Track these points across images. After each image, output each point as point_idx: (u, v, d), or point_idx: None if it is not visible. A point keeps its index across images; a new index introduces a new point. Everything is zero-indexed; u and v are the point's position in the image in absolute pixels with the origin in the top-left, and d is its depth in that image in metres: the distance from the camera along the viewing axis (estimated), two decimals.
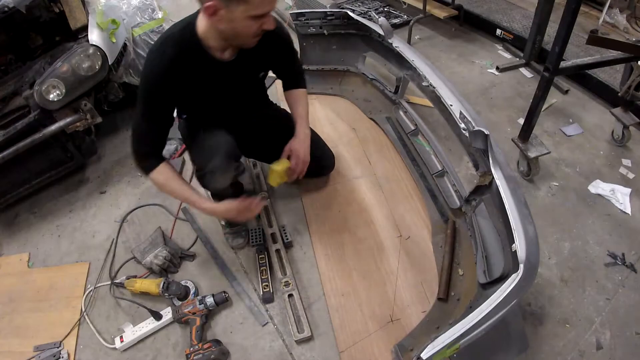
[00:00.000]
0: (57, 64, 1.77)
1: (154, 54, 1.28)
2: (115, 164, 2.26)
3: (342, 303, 1.51)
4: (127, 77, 2.26)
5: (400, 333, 1.41)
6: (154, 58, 1.27)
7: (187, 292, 1.58)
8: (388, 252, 1.66)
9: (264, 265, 1.62)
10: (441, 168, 1.86)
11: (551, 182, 1.93)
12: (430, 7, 2.98)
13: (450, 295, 1.48)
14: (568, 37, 1.55)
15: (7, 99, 1.85)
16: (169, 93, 1.29)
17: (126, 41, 2.22)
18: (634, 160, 2.02)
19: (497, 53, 2.89)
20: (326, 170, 1.91)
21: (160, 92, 1.29)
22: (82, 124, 1.89)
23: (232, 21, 1.14)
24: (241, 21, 1.14)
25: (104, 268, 1.74)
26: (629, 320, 1.43)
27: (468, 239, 1.60)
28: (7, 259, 1.87)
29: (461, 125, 1.50)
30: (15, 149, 1.75)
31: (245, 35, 1.21)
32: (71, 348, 1.50)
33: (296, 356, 1.40)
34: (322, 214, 1.83)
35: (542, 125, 2.22)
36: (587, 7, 3.13)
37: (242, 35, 1.21)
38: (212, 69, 1.33)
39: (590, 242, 1.68)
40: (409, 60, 1.88)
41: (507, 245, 1.27)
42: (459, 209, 1.69)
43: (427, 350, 0.97)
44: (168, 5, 2.56)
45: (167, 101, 1.33)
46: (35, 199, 2.11)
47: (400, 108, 2.21)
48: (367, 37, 2.29)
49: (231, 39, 1.24)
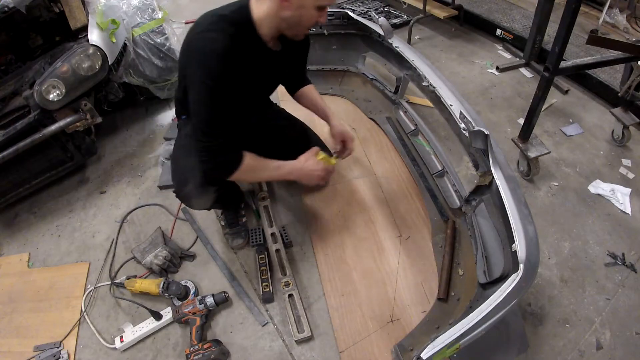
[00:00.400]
0: (57, 64, 1.77)
1: (211, 32, 1.16)
2: (115, 164, 2.26)
3: (342, 303, 1.51)
4: (127, 77, 2.26)
5: (400, 333, 1.41)
6: (213, 37, 1.15)
7: (187, 292, 1.58)
8: (388, 252, 1.66)
9: (264, 265, 1.62)
10: (441, 168, 1.86)
11: (551, 182, 1.93)
12: (430, 7, 2.99)
13: (450, 295, 1.48)
14: (568, 37, 1.55)
15: (7, 99, 1.85)
16: (232, 73, 1.18)
17: (126, 41, 2.22)
18: (634, 160, 2.02)
19: (497, 53, 2.89)
20: None
21: (227, 71, 1.16)
22: (82, 124, 1.89)
23: (301, 8, 1.16)
24: (309, 9, 1.17)
25: (104, 268, 1.74)
26: (629, 320, 1.44)
27: (468, 239, 1.60)
28: (7, 259, 1.87)
29: (461, 125, 1.50)
30: (15, 149, 1.75)
31: (306, 24, 1.23)
32: (71, 348, 1.50)
33: (296, 356, 1.40)
34: (322, 214, 1.83)
35: (542, 125, 2.23)
36: (587, 7, 3.14)
37: (302, 24, 1.22)
38: (263, 56, 1.29)
39: (590, 242, 1.68)
40: (409, 60, 1.88)
41: (507, 245, 1.27)
42: (459, 209, 1.69)
43: (427, 350, 0.97)
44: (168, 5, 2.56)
45: (232, 82, 1.19)
46: (35, 199, 2.11)
47: (400, 108, 2.22)
48: (367, 37, 2.29)
49: (289, 27, 1.23)
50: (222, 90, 1.17)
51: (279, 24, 1.22)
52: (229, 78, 1.16)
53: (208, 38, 1.15)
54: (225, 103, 1.19)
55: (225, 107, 1.19)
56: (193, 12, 3.76)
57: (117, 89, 2.14)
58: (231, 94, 1.19)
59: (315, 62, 2.48)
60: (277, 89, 1.65)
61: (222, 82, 1.15)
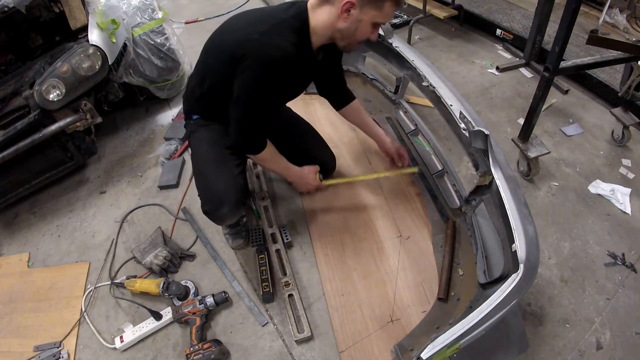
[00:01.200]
0: (57, 64, 1.77)
1: (275, 37, 1.17)
2: (115, 164, 2.26)
3: (342, 303, 1.51)
4: (127, 77, 2.26)
5: (400, 333, 1.41)
6: (277, 44, 1.16)
7: (187, 292, 1.58)
8: (388, 252, 1.66)
9: (264, 265, 1.62)
10: (441, 168, 1.86)
11: (551, 182, 1.93)
12: (430, 7, 2.99)
13: (450, 295, 1.48)
14: (568, 37, 1.55)
15: (7, 99, 1.84)
16: (285, 80, 1.24)
17: (126, 41, 2.22)
18: (634, 160, 2.02)
19: (497, 53, 2.89)
20: (327, 172, 1.91)
21: (281, 79, 1.22)
22: (82, 124, 1.89)
23: (359, 22, 1.19)
24: (365, 25, 1.20)
25: (104, 268, 1.74)
26: (629, 320, 1.44)
27: (468, 239, 1.61)
28: (7, 259, 1.87)
29: (461, 125, 1.50)
30: (15, 149, 1.75)
31: (359, 38, 1.25)
32: (71, 348, 1.50)
33: (296, 356, 1.40)
34: (322, 214, 1.83)
35: (542, 125, 2.23)
36: (587, 7, 3.13)
37: (355, 38, 1.25)
38: (311, 65, 1.33)
39: (590, 242, 1.68)
40: (409, 60, 1.88)
41: (507, 245, 1.27)
42: (459, 209, 1.69)
43: (427, 350, 0.97)
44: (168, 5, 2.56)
45: (282, 88, 1.28)
46: (35, 199, 2.11)
47: (400, 108, 2.22)
48: None
49: (343, 38, 1.25)
50: (271, 95, 1.28)
51: (334, 34, 1.24)
52: (281, 85, 1.24)
53: (273, 44, 1.17)
54: (271, 105, 1.32)
55: (267, 111, 1.32)
56: (193, 12, 3.76)
57: (117, 89, 2.14)
58: (277, 97, 1.32)
59: None
60: None
61: (274, 88, 1.25)
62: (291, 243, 1.72)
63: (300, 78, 1.38)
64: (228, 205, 1.41)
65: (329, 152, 1.86)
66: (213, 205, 1.43)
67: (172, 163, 2.16)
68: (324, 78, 1.66)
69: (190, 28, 3.31)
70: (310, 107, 2.40)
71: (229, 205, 1.41)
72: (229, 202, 1.40)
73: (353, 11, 1.17)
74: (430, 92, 1.75)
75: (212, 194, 1.43)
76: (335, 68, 1.63)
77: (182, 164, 2.16)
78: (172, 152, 2.24)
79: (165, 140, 2.33)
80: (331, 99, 1.76)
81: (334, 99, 1.76)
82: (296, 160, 1.61)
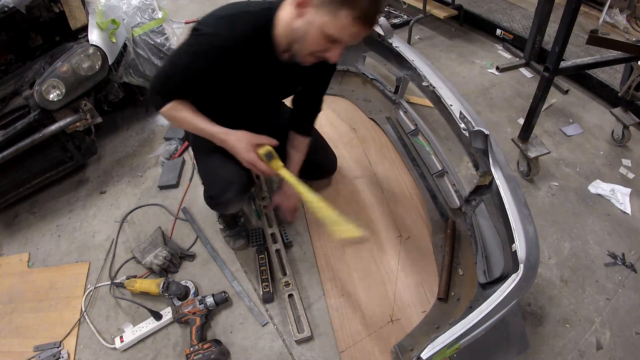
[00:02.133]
0: (57, 64, 1.77)
1: (222, 22, 1.12)
2: (115, 164, 2.26)
3: (342, 303, 1.51)
4: (127, 77, 2.26)
5: (400, 333, 1.41)
6: (221, 27, 1.11)
7: (187, 292, 1.58)
8: (388, 252, 1.66)
9: (264, 265, 1.62)
10: (441, 168, 1.86)
11: (551, 182, 1.93)
12: (430, 7, 2.99)
13: (450, 295, 1.48)
14: (568, 37, 1.55)
15: (7, 99, 1.84)
16: (212, 73, 1.17)
17: (126, 41, 2.22)
18: (634, 160, 2.02)
19: (497, 53, 2.89)
20: (328, 174, 1.90)
21: (214, 64, 1.15)
22: (82, 124, 1.89)
23: (310, 24, 1.03)
24: (315, 30, 1.03)
25: (104, 268, 1.74)
26: (629, 320, 1.44)
27: (468, 239, 1.61)
28: (7, 259, 1.87)
29: (461, 125, 1.50)
30: (15, 149, 1.75)
31: (309, 47, 1.09)
32: (71, 348, 1.50)
33: (296, 356, 1.40)
34: None
35: (542, 125, 2.23)
36: (587, 7, 3.13)
37: (304, 46, 1.09)
38: (268, 64, 1.21)
39: (590, 242, 1.68)
40: (409, 60, 1.88)
41: (507, 245, 1.27)
42: (459, 209, 1.69)
43: (427, 350, 0.97)
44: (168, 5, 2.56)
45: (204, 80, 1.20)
46: (35, 199, 2.11)
47: (400, 108, 2.21)
48: (367, 37, 2.29)
49: (293, 41, 1.11)
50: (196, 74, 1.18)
51: (290, 35, 1.11)
52: (214, 71, 1.17)
53: (218, 31, 1.12)
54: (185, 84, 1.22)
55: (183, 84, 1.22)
56: (193, 12, 3.76)
57: (117, 89, 2.14)
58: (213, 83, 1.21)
59: None
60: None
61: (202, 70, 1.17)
62: (291, 243, 1.72)
63: (253, 75, 1.23)
64: (234, 190, 1.39)
65: (329, 154, 1.83)
66: (219, 190, 1.40)
67: (172, 163, 2.16)
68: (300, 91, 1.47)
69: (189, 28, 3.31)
70: None
71: (234, 190, 1.39)
72: (235, 186, 1.39)
73: (309, 9, 1.01)
74: (430, 92, 1.75)
75: (218, 178, 1.41)
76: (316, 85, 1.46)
77: (182, 164, 2.16)
78: (172, 152, 2.24)
79: (165, 140, 2.33)
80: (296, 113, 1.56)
81: (298, 117, 1.56)
82: None
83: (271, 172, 1.34)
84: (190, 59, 1.16)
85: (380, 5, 1.04)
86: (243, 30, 1.12)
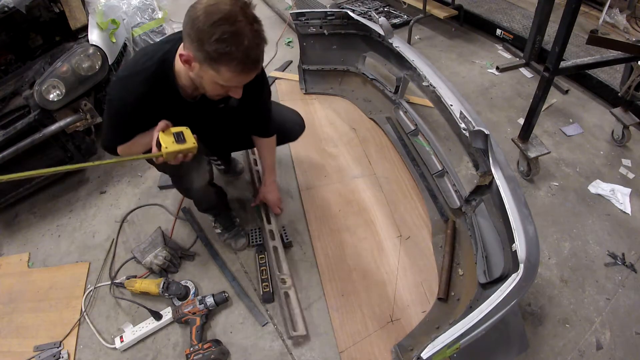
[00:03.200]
0: (57, 64, 1.77)
1: (123, 84, 1.22)
2: (115, 164, 2.25)
3: (342, 303, 1.51)
4: None
5: (400, 333, 1.41)
6: (122, 90, 1.21)
7: (187, 292, 1.58)
8: (388, 252, 1.66)
9: (264, 265, 1.62)
10: (441, 168, 1.86)
11: (551, 182, 1.93)
12: (430, 7, 2.99)
13: (450, 295, 1.48)
14: (568, 37, 1.55)
15: (7, 99, 1.85)
16: (136, 121, 1.24)
17: (126, 41, 2.22)
18: (634, 160, 2.02)
19: (497, 53, 2.89)
20: (294, 135, 1.81)
21: (127, 120, 1.24)
22: (82, 124, 1.89)
23: (201, 77, 1.10)
24: (209, 83, 1.10)
25: (104, 268, 1.74)
26: (629, 320, 1.44)
27: (468, 239, 1.60)
28: (7, 259, 1.87)
29: (461, 125, 1.50)
30: (15, 149, 1.75)
31: (210, 94, 1.18)
32: (71, 348, 1.50)
33: (296, 356, 1.40)
34: (322, 214, 1.83)
35: (542, 125, 2.23)
36: (587, 7, 3.13)
37: (207, 92, 1.17)
38: (179, 107, 1.26)
39: (590, 242, 1.68)
40: (409, 60, 1.88)
41: (507, 245, 1.27)
42: (459, 209, 1.69)
43: (427, 350, 0.97)
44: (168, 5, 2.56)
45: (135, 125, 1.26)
46: (35, 199, 2.11)
47: (400, 108, 2.22)
48: (367, 37, 2.29)
49: (200, 86, 1.17)
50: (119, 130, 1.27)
51: (192, 82, 1.17)
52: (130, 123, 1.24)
53: (117, 89, 1.23)
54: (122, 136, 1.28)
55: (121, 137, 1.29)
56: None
57: None
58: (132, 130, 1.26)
59: (315, 62, 2.49)
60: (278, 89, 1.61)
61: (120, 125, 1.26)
62: (291, 243, 1.72)
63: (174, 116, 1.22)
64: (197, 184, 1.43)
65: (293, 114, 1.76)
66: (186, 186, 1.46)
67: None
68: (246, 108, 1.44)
69: None
70: (310, 107, 2.40)
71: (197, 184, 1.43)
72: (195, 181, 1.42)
73: (195, 64, 1.06)
74: (430, 92, 1.75)
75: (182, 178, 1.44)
76: (257, 101, 1.45)
77: None
78: None
79: None
80: (251, 124, 1.59)
81: (253, 126, 1.60)
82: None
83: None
84: (116, 120, 1.27)
85: (258, 45, 1.03)
86: (141, 90, 1.18)
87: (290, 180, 2.01)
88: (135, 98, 1.19)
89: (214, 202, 1.66)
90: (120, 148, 1.33)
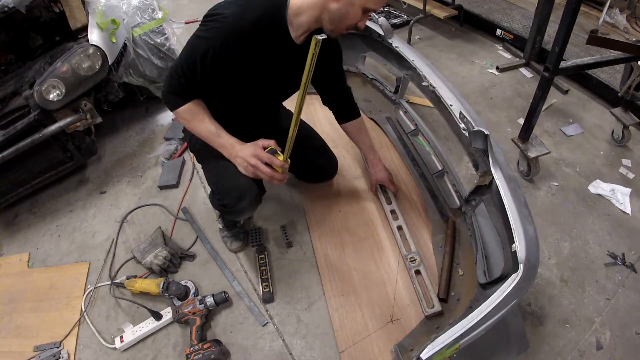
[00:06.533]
0: (57, 64, 1.77)
1: (234, 6, 1.16)
2: (115, 164, 2.26)
3: (342, 303, 1.51)
4: (127, 77, 2.26)
5: (400, 333, 1.41)
6: (240, 9, 1.15)
7: (187, 292, 1.58)
8: (388, 252, 1.66)
9: (264, 265, 1.62)
10: (441, 168, 1.86)
11: (551, 182, 1.93)
12: (430, 7, 2.99)
13: (450, 295, 1.48)
14: (568, 37, 1.55)
15: (7, 99, 1.85)
16: (226, 58, 1.18)
17: (126, 41, 2.22)
18: (634, 160, 2.02)
19: (497, 53, 2.89)
20: (328, 177, 1.90)
21: (220, 53, 1.17)
22: (82, 124, 1.89)
23: (351, 5, 1.13)
24: (357, 8, 1.14)
25: (104, 268, 1.74)
26: (629, 320, 1.44)
27: (468, 239, 1.60)
28: (7, 259, 1.87)
29: (461, 125, 1.50)
30: (15, 149, 1.75)
31: (348, 22, 1.18)
32: (71, 348, 1.50)
33: (296, 356, 1.40)
34: (322, 214, 1.83)
35: (542, 125, 2.23)
36: (587, 7, 3.13)
37: (345, 22, 1.17)
38: (282, 47, 1.25)
39: (590, 242, 1.68)
40: (409, 60, 1.88)
41: (507, 245, 1.27)
42: (459, 209, 1.69)
43: (427, 350, 0.97)
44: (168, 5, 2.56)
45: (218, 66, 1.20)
46: (35, 199, 2.11)
47: (400, 108, 2.21)
48: (367, 37, 2.29)
49: (331, 21, 1.17)
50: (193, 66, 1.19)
51: (322, 15, 1.17)
52: (227, 56, 1.18)
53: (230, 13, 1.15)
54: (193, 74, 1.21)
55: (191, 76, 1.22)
56: (193, 12, 3.75)
57: (117, 89, 2.14)
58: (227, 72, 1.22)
59: None
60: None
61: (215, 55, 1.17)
62: (291, 243, 1.72)
63: (267, 58, 1.25)
64: (249, 198, 1.39)
65: (329, 157, 1.82)
66: (233, 199, 1.39)
67: (172, 163, 2.16)
68: (321, 80, 1.55)
69: (190, 28, 3.31)
70: (311, 107, 2.40)
71: (250, 198, 1.39)
72: (249, 195, 1.38)
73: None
74: (430, 92, 1.75)
75: (232, 187, 1.39)
76: (332, 68, 1.54)
77: (182, 164, 2.16)
78: (172, 152, 2.24)
79: (165, 140, 2.33)
80: (334, 109, 1.71)
81: (337, 110, 1.71)
82: (294, 165, 1.44)
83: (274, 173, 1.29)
84: (204, 44, 1.17)
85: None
86: (256, 13, 1.15)
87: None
88: (251, 22, 1.15)
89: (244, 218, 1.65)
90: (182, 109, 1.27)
